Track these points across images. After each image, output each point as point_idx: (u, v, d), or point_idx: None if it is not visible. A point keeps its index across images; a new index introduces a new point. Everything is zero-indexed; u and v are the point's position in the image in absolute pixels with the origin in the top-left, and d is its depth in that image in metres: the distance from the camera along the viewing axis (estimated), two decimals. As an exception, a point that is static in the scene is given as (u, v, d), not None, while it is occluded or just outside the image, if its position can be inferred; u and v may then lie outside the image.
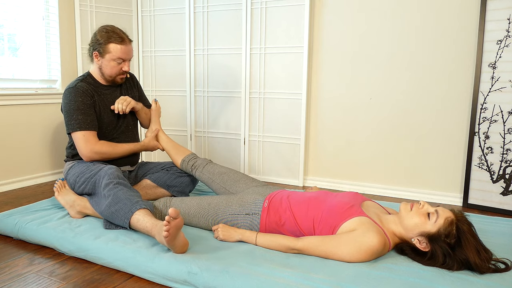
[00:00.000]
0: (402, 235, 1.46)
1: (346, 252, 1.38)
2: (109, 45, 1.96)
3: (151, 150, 2.19)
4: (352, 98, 2.67)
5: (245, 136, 2.98)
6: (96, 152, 1.94)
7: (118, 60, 1.99)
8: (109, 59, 1.98)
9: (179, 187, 2.13)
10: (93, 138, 1.95)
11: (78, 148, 1.95)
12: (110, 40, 1.96)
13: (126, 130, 2.15)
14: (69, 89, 1.96)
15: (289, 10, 2.73)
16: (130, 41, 2.04)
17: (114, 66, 2.00)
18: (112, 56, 1.97)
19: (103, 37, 1.96)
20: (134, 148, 2.09)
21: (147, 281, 1.41)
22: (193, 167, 2.04)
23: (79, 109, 1.93)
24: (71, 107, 1.93)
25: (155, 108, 2.26)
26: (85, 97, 1.95)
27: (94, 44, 1.99)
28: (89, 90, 1.98)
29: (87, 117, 1.94)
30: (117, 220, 1.64)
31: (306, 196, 1.62)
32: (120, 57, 1.98)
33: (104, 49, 1.97)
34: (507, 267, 1.37)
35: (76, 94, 1.94)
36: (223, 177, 1.93)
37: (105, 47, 1.96)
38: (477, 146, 2.32)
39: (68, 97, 1.94)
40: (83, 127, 1.92)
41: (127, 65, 2.03)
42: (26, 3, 2.66)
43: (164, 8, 3.15)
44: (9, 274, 1.44)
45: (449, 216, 1.38)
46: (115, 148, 2.02)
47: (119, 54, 1.97)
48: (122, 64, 2.01)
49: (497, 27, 2.21)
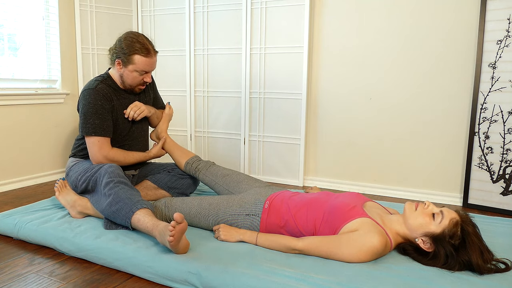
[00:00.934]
0: (406, 235, 1.46)
1: (347, 252, 1.38)
2: (134, 56, 1.88)
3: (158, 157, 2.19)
4: (352, 98, 2.67)
5: (245, 136, 2.98)
6: (108, 159, 1.92)
7: (141, 72, 1.93)
8: (132, 70, 1.91)
9: (180, 189, 2.13)
10: (107, 145, 1.92)
11: (91, 152, 1.92)
12: (135, 52, 1.87)
13: (138, 136, 2.13)
14: (89, 91, 1.90)
15: (289, 10, 2.73)
16: (156, 53, 1.96)
17: (136, 77, 1.94)
18: (135, 67, 1.90)
19: (129, 47, 1.88)
20: (143, 157, 2.09)
21: (147, 281, 1.41)
22: (196, 170, 2.04)
23: (97, 113, 1.88)
24: (89, 110, 1.88)
25: (168, 112, 2.23)
26: (105, 101, 1.90)
27: (118, 52, 1.91)
28: (109, 93, 1.93)
29: (104, 123, 1.90)
30: (118, 219, 1.64)
31: (307, 197, 1.62)
32: (144, 69, 1.92)
33: (128, 59, 1.89)
34: (507, 267, 1.37)
35: (96, 97, 1.88)
36: (226, 179, 1.93)
37: (129, 57, 1.88)
38: (477, 146, 2.32)
39: (88, 99, 1.89)
40: (99, 133, 1.89)
41: (149, 77, 1.97)
42: (26, 3, 2.66)
43: (164, 8, 3.15)
44: (9, 274, 1.44)
45: (454, 217, 1.38)
46: (126, 157, 2.00)
47: (142, 67, 1.90)
48: (144, 75, 1.95)
49: (497, 27, 2.21)
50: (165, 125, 2.22)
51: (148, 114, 2.07)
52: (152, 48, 1.93)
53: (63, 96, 2.88)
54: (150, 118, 2.17)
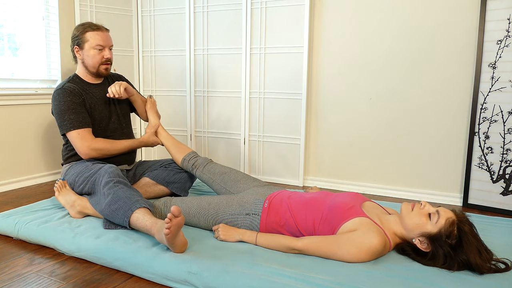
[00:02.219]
0: (403, 235, 1.46)
1: (347, 252, 1.38)
2: (85, 34, 2.00)
3: (151, 145, 2.18)
4: (352, 98, 2.67)
5: (245, 136, 2.98)
6: (93, 149, 1.94)
7: (98, 47, 2.01)
8: (88, 48, 2.00)
9: (178, 183, 2.13)
10: (89, 135, 1.95)
11: (75, 147, 1.95)
12: (86, 30, 2.00)
13: (119, 128, 2.14)
14: (57, 91, 1.97)
15: (289, 10, 2.73)
16: (107, 30, 2.07)
17: (95, 55, 2.02)
18: (90, 44, 2.00)
19: (79, 30, 2.01)
20: (132, 144, 2.09)
21: (147, 281, 1.41)
22: (193, 167, 2.04)
23: (70, 109, 1.94)
24: (62, 108, 1.94)
25: (149, 105, 2.24)
26: (74, 96, 1.96)
27: (73, 40, 2.03)
28: (77, 89, 1.99)
29: (79, 116, 1.95)
30: (117, 218, 1.64)
31: (306, 196, 1.62)
32: (99, 43, 2.01)
33: (82, 40, 2.00)
34: (507, 267, 1.37)
35: (65, 95, 1.95)
36: (224, 177, 1.93)
37: (82, 37, 2.00)
38: (477, 146, 2.32)
39: (57, 98, 1.95)
40: (77, 126, 1.93)
41: (108, 52, 2.05)
42: (26, 3, 2.66)
43: (164, 8, 3.15)
44: (9, 274, 1.44)
45: (450, 217, 1.38)
46: (113, 144, 2.01)
47: (97, 41, 2.00)
48: (102, 51, 2.03)
49: (497, 27, 2.21)
50: (155, 117, 2.22)
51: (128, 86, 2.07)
52: (101, 25, 2.06)
53: (63, 96, 2.87)
54: (134, 100, 2.18)
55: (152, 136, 2.16)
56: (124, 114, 2.20)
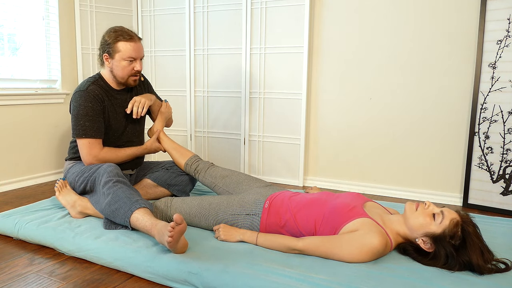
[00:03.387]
0: (407, 235, 1.46)
1: (347, 252, 1.38)
2: (117, 44, 1.90)
3: (153, 152, 2.17)
4: (352, 98, 2.67)
5: (245, 136, 2.98)
6: (98, 160, 1.92)
7: (129, 59, 1.92)
8: (119, 59, 1.92)
9: (179, 186, 2.13)
10: (98, 146, 1.93)
11: (81, 154, 1.93)
12: (118, 39, 1.90)
13: (133, 137, 2.12)
14: (80, 92, 1.91)
15: (289, 10, 2.73)
16: (140, 39, 1.97)
17: (126, 66, 1.94)
18: (122, 55, 1.91)
19: (111, 37, 1.91)
20: (136, 152, 2.08)
21: (147, 281, 1.41)
22: (195, 172, 2.04)
23: (87, 115, 1.89)
24: (79, 112, 1.89)
25: (163, 110, 2.23)
26: (96, 103, 1.91)
27: (103, 46, 1.94)
28: (100, 95, 1.93)
29: (94, 124, 1.91)
30: (117, 218, 1.64)
31: (307, 197, 1.62)
32: (131, 55, 1.92)
33: (113, 49, 1.91)
34: (507, 267, 1.37)
35: (87, 99, 1.89)
36: (226, 180, 1.92)
37: (114, 46, 1.90)
38: (477, 146, 2.32)
39: (78, 100, 1.90)
40: (89, 135, 1.90)
41: (139, 64, 1.97)
42: (26, 3, 2.66)
43: (164, 8, 3.15)
44: (9, 274, 1.44)
45: (454, 218, 1.38)
46: (118, 155, 2.00)
47: (129, 53, 1.91)
48: (133, 63, 1.94)
49: (497, 27, 2.21)
50: (161, 123, 2.22)
51: (150, 102, 2.05)
52: (134, 34, 1.95)
53: (63, 96, 2.88)
54: (152, 107, 2.16)
55: (155, 142, 2.14)
56: (140, 122, 2.18)
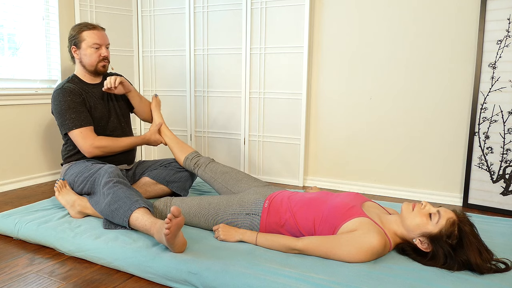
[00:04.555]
0: (404, 235, 1.46)
1: (347, 252, 1.38)
2: (82, 34, 2.02)
3: (154, 144, 2.17)
4: (352, 98, 2.67)
5: (245, 136, 2.98)
6: (96, 147, 1.95)
7: (95, 46, 2.03)
8: (85, 47, 2.03)
9: (178, 182, 2.13)
10: (91, 133, 1.97)
11: (78, 146, 1.96)
12: (82, 29, 2.03)
13: (119, 127, 2.14)
14: (57, 91, 1.99)
15: (289, 10, 2.73)
16: (103, 28, 2.09)
17: (92, 53, 2.04)
18: (87, 43, 2.02)
19: (75, 29, 2.04)
20: (135, 141, 2.10)
21: (147, 281, 1.41)
22: (195, 166, 2.04)
23: (70, 108, 1.95)
24: (62, 108, 1.95)
25: (154, 104, 2.26)
26: (74, 96, 1.98)
27: (70, 40, 2.06)
28: (77, 89, 2.01)
29: (80, 114, 1.96)
30: (117, 218, 1.64)
31: (306, 197, 1.62)
32: (96, 42, 2.03)
33: (79, 39, 2.03)
34: (507, 267, 1.37)
35: (65, 94, 1.96)
36: (225, 177, 1.93)
37: (79, 36, 2.02)
38: (477, 146, 2.32)
39: (58, 98, 1.97)
40: (78, 125, 1.94)
41: (104, 50, 2.07)
42: (26, 3, 2.66)
43: (164, 8, 3.15)
44: (9, 274, 1.44)
45: (451, 217, 1.38)
46: (116, 142, 2.02)
47: (94, 40, 2.02)
48: (99, 50, 2.05)
49: (497, 27, 2.21)
50: (159, 116, 2.23)
51: (125, 81, 2.08)
52: (97, 25, 2.08)
53: (63, 96, 2.88)
54: (131, 97, 2.17)
55: (155, 134, 2.16)
56: (123, 113, 2.20)
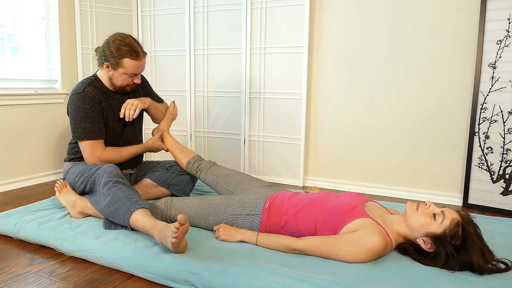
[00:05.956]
0: (407, 235, 1.46)
1: (348, 252, 1.38)
2: (123, 60, 1.88)
3: (156, 151, 2.17)
4: (352, 98, 2.67)
5: (245, 136, 2.97)
6: (101, 160, 1.94)
7: (131, 75, 1.93)
8: (121, 73, 1.91)
9: (179, 186, 2.13)
10: (100, 147, 1.94)
11: (84, 155, 1.94)
12: (125, 55, 1.87)
13: (131, 137, 2.13)
14: (77, 95, 1.90)
15: (289, 10, 2.73)
16: (145, 54, 1.95)
17: (126, 79, 1.94)
18: (125, 70, 1.90)
19: (118, 50, 1.87)
20: (138, 150, 2.09)
21: (147, 281, 1.41)
22: (197, 170, 2.05)
23: (86, 117, 1.89)
24: (78, 115, 1.89)
25: (171, 110, 2.24)
26: (93, 104, 1.91)
27: (107, 56, 1.89)
28: (97, 96, 1.93)
29: (94, 125, 1.91)
30: (117, 219, 1.64)
31: (307, 197, 1.62)
32: (133, 72, 1.92)
33: (117, 63, 1.88)
34: (507, 267, 1.37)
35: (84, 101, 1.89)
36: (227, 179, 1.93)
37: (118, 61, 1.88)
38: (477, 146, 2.32)
39: (76, 103, 1.89)
40: (90, 136, 1.90)
41: (138, 78, 1.97)
42: (26, 3, 2.66)
43: (164, 8, 3.15)
44: (9, 274, 1.44)
45: (455, 218, 1.38)
46: (120, 154, 2.01)
47: (132, 70, 1.91)
48: (134, 78, 1.96)
49: (497, 27, 2.21)
50: (167, 123, 2.22)
51: (144, 105, 2.05)
52: (141, 50, 1.92)
53: (63, 96, 2.88)
54: (149, 110, 2.14)
55: (158, 141, 2.15)
56: (138, 120, 2.18)
